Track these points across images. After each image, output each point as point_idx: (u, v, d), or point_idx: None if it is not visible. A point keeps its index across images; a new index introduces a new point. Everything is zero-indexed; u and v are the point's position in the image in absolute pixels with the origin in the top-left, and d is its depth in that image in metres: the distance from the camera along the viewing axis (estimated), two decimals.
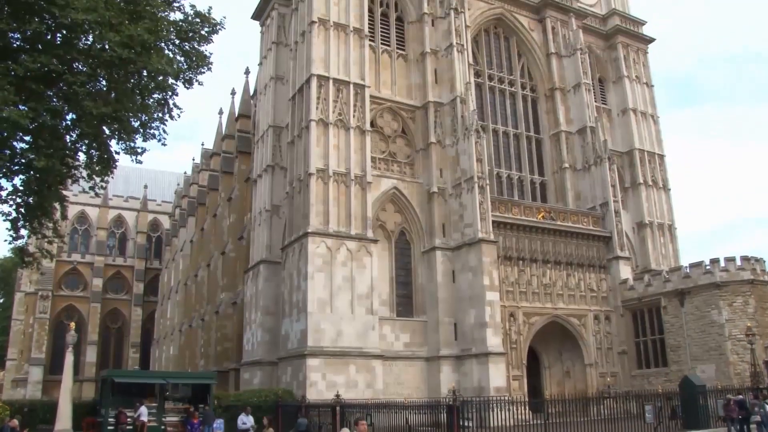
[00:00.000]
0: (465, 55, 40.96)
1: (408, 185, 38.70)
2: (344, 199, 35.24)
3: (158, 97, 17.20)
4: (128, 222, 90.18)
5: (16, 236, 16.61)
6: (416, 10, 42.17)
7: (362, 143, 36.56)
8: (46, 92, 14.81)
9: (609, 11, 53.07)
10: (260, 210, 41.56)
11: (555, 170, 45.94)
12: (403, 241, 38.47)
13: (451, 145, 39.08)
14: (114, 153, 17.17)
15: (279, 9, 44.50)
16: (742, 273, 36.52)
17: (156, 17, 15.91)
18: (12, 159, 15.05)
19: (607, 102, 51.55)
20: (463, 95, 39.37)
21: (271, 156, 41.69)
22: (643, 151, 49.44)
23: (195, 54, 17.45)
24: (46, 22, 14.45)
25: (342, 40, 37.98)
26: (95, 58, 14.83)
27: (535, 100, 47.64)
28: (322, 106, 36.02)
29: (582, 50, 47.30)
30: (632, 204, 48.25)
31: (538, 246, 40.04)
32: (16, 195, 15.78)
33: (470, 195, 37.05)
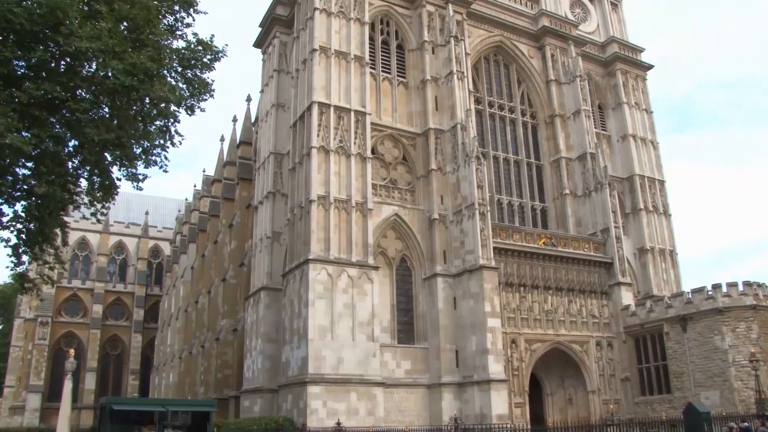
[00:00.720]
0: (465, 83, 41.25)
1: (409, 212, 38.74)
2: (345, 225, 35.26)
3: (160, 124, 17.30)
4: (129, 248, 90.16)
5: (18, 262, 16.61)
6: (416, 38, 42.56)
7: (363, 170, 36.67)
8: (49, 119, 14.91)
9: (608, 39, 53.54)
10: (261, 237, 41.55)
11: (555, 196, 46.01)
12: (404, 268, 38.41)
13: (452, 171, 39.19)
14: (115, 179, 17.23)
15: (280, 37, 44.93)
16: (745, 298, 36.40)
17: (159, 45, 16.05)
18: (14, 185, 15.11)
19: (607, 128, 51.80)
20: (464, 122, 39.57)
21: (272, 183, 41.80)
22: (643, 177, 49.58)
23: (197, 81, 17.59)
24: (50, 50, 14.60)
25: (343, 67, 38.28)
26: (98, 86, 14.95)
27: (535, 127, 47.87)
28: (323, 133, 36.19)
29: (581, 77, 47.65)
30: (633, 230, 48.28)
31: (539, 272, 39.96)
32: (17, 221, 15.80)
33: (471, 221, 37.07)
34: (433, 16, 42.79)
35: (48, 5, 13.61)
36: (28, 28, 13.76)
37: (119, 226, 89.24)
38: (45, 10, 13.73)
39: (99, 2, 14.63)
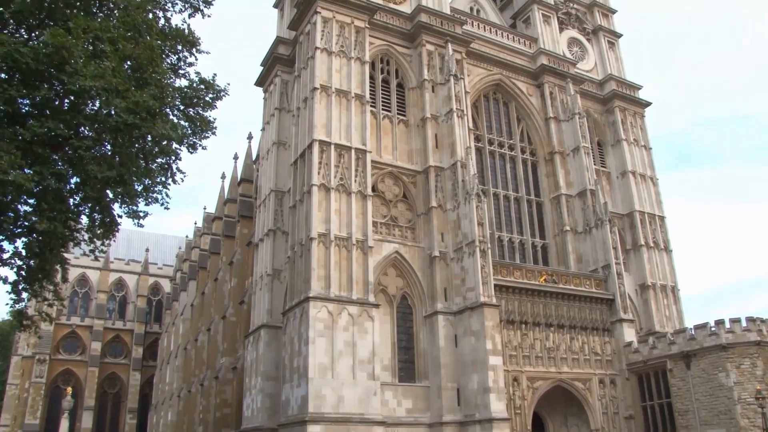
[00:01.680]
0: (465, 120, 41.55)
1: (409, 249, 38.70)
2: (346, 263, 35.18)
3: (162, 162, 17.40)
4: (129, 285, 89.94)
5: (17, 299, 16.57)
6: (416, 77, 43.01)
7: (364, 208, 36.74)
8: (51, 156, 15.02)
9: (605, 76, 54.10)
10: (261, 274, 41.45)
11: (556, 233, 46.01)
12: (405, 306, 38.22)
13: (452, 209, 39.26)
14: (116, 216, 17.27)
15: (282, 76, 45.42)
16: (748, 334, 36.14)
17: (162, 84, 16.22)
18: (15, 221, 15.15)
19: (606, 165, 52.05)
20: (464, 160, 39.76)
21: (272, 220, 41.86)
22: (643, 213, 49.66)
23: (199, 119, 17.74)
24: (54, 88, 14.78)
25: (344, 106, 38.61)
26: (101, 124, 15.08)
27: (535, 164, 48.10)
28: (323, 170, 36.35)
29: (580, 114, 48.04)
30: (634, 266, 48.19)
31: (540, 309, 39.77)
32: (17, 258, 15.81)
33: (472, 259, 37.00)
34: (433, 55, 43.30)
35: (53, 45, 13.81)
36: (33, 67, 13.95)
37: (119, 263, 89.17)
38: (50, 49, 13.93)
39: (103, 42, 14.83)
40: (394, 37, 43.43)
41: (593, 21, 56.61)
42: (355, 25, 40.68)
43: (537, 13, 52.05)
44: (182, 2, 18.14)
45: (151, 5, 17.28)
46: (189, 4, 18.23)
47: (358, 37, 40.68)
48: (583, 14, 56.47)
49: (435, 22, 43.81)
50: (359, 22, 40.91)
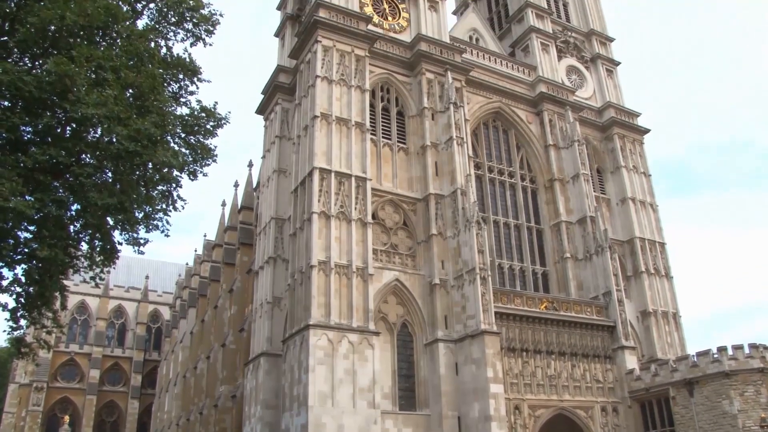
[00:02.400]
0: (465, 148, 41.74)
1: (410, 277, 38.63)
2: (346, 291, 35.10)
3: (163, 189, 17.45)
4: (128, 312, 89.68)
5: (15, 326, 16.52)
6: (416, 105, 43.28)
7: (364, 235, 36.75)
8: (52, 183, 15.08)
9: (604, 104, 54.42)
10: (261, 302, 41.34)
11: (556, 260, 45.94)
12: (406, 333, 38.04)
13: (453, 236, 39.25)
14: (117, 243, 17.28)
15: (282, 104, 45.74)
16: (752, 361, 35.91)
17: (163, 112, 16.32)
18: (15, 248, 15.15)
19: (606, 191, 52.15)
20: (464, 187, 39.86)
21: (273, 248, 41.86)
22: (643, 240, 49.62)
23: (200, 147, 17.83)
24: (57, 116, 14.89)
25: (344, 134, 38.81)
26: (102, 151, 15.16)
27: (534, 191, 48.20)
28: (324, 198, 36.43)
29: (579, 142, 48.24)
30: (635, 292, 48.02)
31: (541, 337, 39.58)
32: (17, 284, 15.79)
33: (472, 286, 36.91)
34: (433, 84, 43.62)
35: (56, 73, 13.94)
36: (36, 95, 14.07)
37: (119, 290, 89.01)
38: (54, 77, 14.07)
39: (106, 70, 14.97)
40: (394, 65, 43.81)
41: (591, 49, 57.11)
42: (355, 54, 41.06)
43: (535, 41, 52.55)
44: (184, 31, 18.34)
45: (154, 34, 17.48)
46: (191, 33, 18.43)
47: (358, 65, 41.03)
48: (581, 43, 56.98)
49: (434, 51, 44.21)
50: (359, 51, 41.29)
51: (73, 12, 14.50)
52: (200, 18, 18.23)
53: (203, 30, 18.55)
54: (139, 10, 17.73)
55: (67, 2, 14.66)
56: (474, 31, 52.11)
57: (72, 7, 14.57)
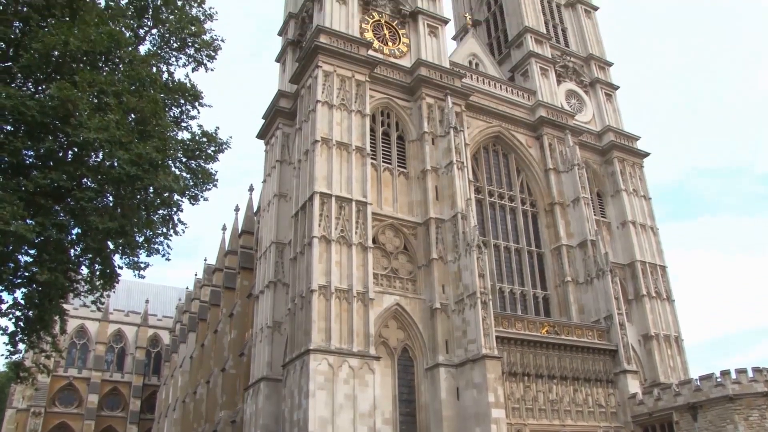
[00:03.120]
0: (465, 172, 41.83)
1: (410, 301, 38.52)
2: (346, 315, 34.98)
3: (163, 213, 17.49)
4: (128, 337, 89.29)
5: (14, 350, 16.46)
6: (417, 130, 43.46)
7: (364, 260, 36.70)
8: (53, 207, 15.12)
9: (603, 128, 54.64)
10: (262, 326, 41.19)
11: (557, 284, 45.84)
12: (406, 358, 37.83)
13: (453, 260, 39.20)
14: (117, 267, 17.28)
15: (283, 129, 45.96)
16: (756, 385, 35.64)
17: (164, 136, 16.41)
18: (15, 272, 15.15)
19: (607, 215, 52.17)
20: (464, 211, 39.89)
21: (273, 272, 41.80)
22: (644, 263, 49.54)
23: (201, 172, 17.90)
24: (59, 140, 14.97)
25: (344, 158, 38.93)
26: (104, 175, 15.22)
27: (535, 215, 48.23)
28: (324, 223, 36.45)
29: (579, 166, 48.37)
30: (637, 316, 47.83)
31: (543, 361, 39.37)
32: (16, 308, 15.76)
33: (473, 311, 36.78)
34: (433, 108, 43.85)
35: (59, 98, 14.05)
36: (38, 120, 14.17)
37: (119, 314, 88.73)
38: (56, 102, 14.17)
39: (108, 95, 15.08)
40: (394, 90, 44.07)
41: (590, 74, 57.48)
42: (355, 79, 41.33)
43: (535, 66, 52.92)
44: (186, 57, 18.51)
45: (156, 60, 17.64)
46: (192, 58, 18.61)
47: (358, 90, 41.28)
48: (580, 67, 57.37)
49: (434, 76, 44.51)
50: (360, 76, 41.57)
51: (77, 38, 14.64)
52: (202, 43, 18.41)
53: (205, 55, 18.73)
54: (141, 35, 17.92)
55: (70, 28, 14.81)
56: (474, 56, 52.52)
57: (76, 33, 14.72)
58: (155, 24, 17.81)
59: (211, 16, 18.97)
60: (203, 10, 18.75)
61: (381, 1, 46.46)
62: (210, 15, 18.94)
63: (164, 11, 17.74)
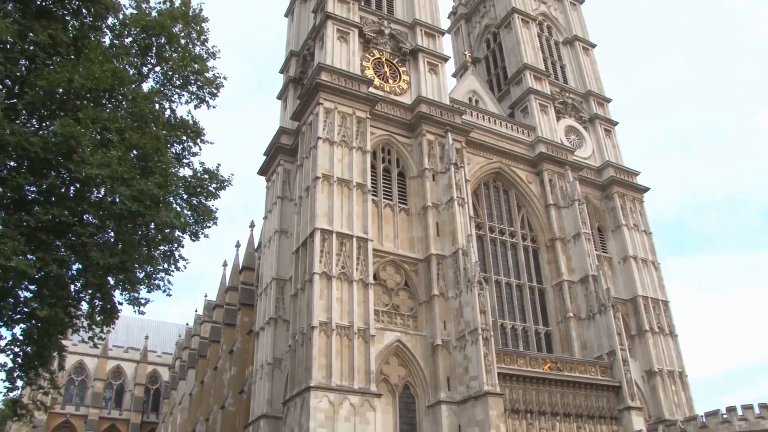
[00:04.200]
0: (466, 208, 41.89)
1: (411, 338, 38.27)
2: (347, 352, 34.71)
3: (164, 249, 17.55)
4: (127, 373, 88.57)
5: (12, 387, 16.34)
6: (417, 166, 43.65)
7: (365, 296, 36.56)
8: (54, 242, 15.16)
9: (603, 163, 54.85)
10: (262, 363, 40.88)
11: (559, 320, 45.56)
12: (408, 395, 37.45)
13: (454, 297, 39.04)
14: (117, 303, 17.26)
15: (284, 165, 46.19)
16: (762, 422, 35.20)
17: (166, 173, 16.53)
18: (15, 308, 15.13)
19: (608, 250, 52.07)
20: (465, 248, 39.84)
21: (274, 308, 41.63)
22: (646, 298, 49.28)
23: (202, 209, 17.98)
24: (61, 176, 15.07)
25: (345, 195, 39.02)
26: (105, 211, 15.30)
27: (536, 251, 48.15)
28: (325, 259, 36.40)
29: (579, 201, 48.42)
30: (640, 352, 47.41)
31: (545, 398, 38.94)
32: (15, 344, 15.69)
33: (475, 347, 36.51)
34: (433, 145, 44.09)
35: (63, 134, 14.20)
36: (42, 156, 14.29)
37: (118, 351, 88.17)
38: (59, 138, 14.32)
39: (111, 131, 15.23)
40: (394, 126, 44.38)
41: (589, 110, 57.91)
42: (356, 116, 41.65)
43: (534, 102, 53.35)
44: (188, 94, 18.74)
45: (159, 97, 17.86)
46: (195, 95, 18.83)
47: (359, 127, 41.57)
48: (579, 103, 57.83)
49: (435, 113, 44.87)
50: (361, 113, 41.90)
51: (81, 75, 14.84)
52: (204, 81, 18.65)
53: (207, 93, 18.96)
54: (145, 73, 18.16)
55: (75, 66, 15.02)
56: (473, 92, 52.99)
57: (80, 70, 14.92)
58: (158, 62, 18.07)
59: (213, 54, 19.25)
60: (206, 48, 19.05)
61: (381, 39, 47.09)
62: (213, 53, 19.23)
63: (168, 49, 18.01)
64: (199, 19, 18.83)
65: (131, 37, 17.93)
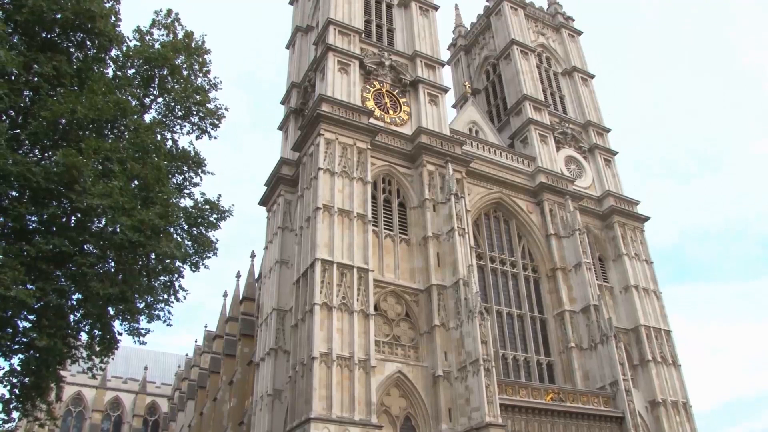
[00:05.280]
0: (466, 239, 41.86)
1: (412, 369, 38.01)
2: (348, 383, 34.45)
3: (165, 280, 17.54)
4: (125, 404, 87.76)
5: (7, 419, 16.20)
6: (418, 197, 43.75)
7: (366, 327, 36.39)
8: (54, 272, 15.16)
9: (603, 193, 54.94)
10: (262, 394, 40.55)
11: (561, 350, 45.28)
12: (409, 427, 37.05)
13: (455, 327, 38.84)
14: (117, 334, 17.20)
15: (285, 196, 46.30)
16: None
17: (167, 203, 16.58)
18: (13, 338, 15.08)
19: (609, 279, 51.91)
20: (466, 278, 39.74)
21: (274, 339, 41.42)
22: (648, 328, 48.96)
23: (202, 239, 18.01)
24: (63, 206, 15.13)
25: (346, 225, 39.04)
26: (106, 241, 15.33)
27: (537, 281, 48.04)
28: (326, 289, 36.29)
29: (580, 231, 48.42)
30: (643, 382, 46.98)
31: (548, 429, 38.54)
32: (12, 375, 15.59)
33: (476, 378, 36.25)
34: (434, 175, 44.23)
35: (65, 164, 14.28)
36: (43, 186, 14.36)
37: (117, 381, 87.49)
38: (61, 168, 14.40)
39: (113, 162, 15.33)
40: (395, 157, 44.56)
41: (589, 140, 58.19)
42: (357, 147, 41.84)
43: (534, 133, 53.63)
44: (190, 125, 18.89)
45: (161, 127, 18.00)
46: (197, 126, 18.98)
47: (360, 157, 41.74)
48: (579, 133, 58.13)
49: (435, 143, 45.09)
50: (361, 144, 42.10)
51: (84, 106, 14.98)
52: (206, 112, 18.81)
53: (209, 123, 19.11)
54: (147, 104, 18.33)
55: (78, 97, 15.16)
56: (474, 123, 53.32)
57: (83, 101, 15.06)
58: (161, 93, 18.25)
59: (215, 85, 19.44)
60: (208, 79, 19.25)
61: (382, 71, 47.52)
62: (214, 84, 19.42)
63: (170, 81, 18.20)
64: (201, 51, 19.05)
65: (134, 69, 18.14)
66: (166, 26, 18.79)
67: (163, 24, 18.79)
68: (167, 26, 18.79)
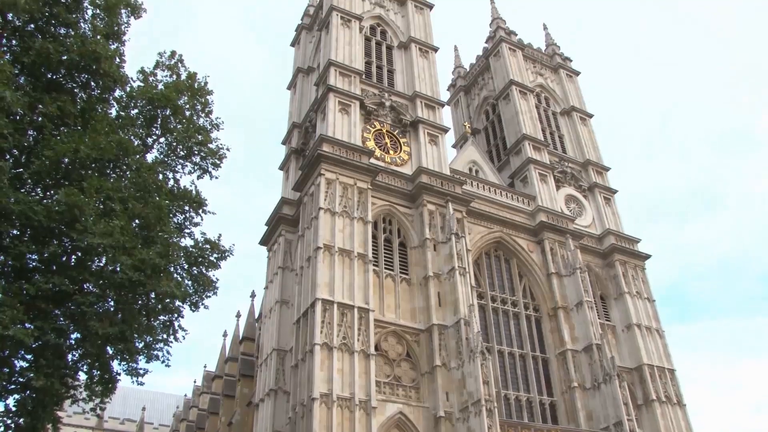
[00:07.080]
0: (467, 278, 41.72)
1: (414, 410, 37.56)
2: (348, 424, 33.99)
3: (164, 319, 17.48)
4: None
5: None
6: (418, 236, 43.74)
7: (367, 367, 36.07)
8: (53, 311, 15.11)
9: (604, 231, 54.91)
10: None
11: (564, 390, 44.76)
12: None
13: (457, 367, 38.49)
14: (116, 374, 17.06)
15: (286, 235, 46.31)
16: None
17: (168, 243, 16.61)
18: (10, 378, 14.94)
19: (611, 318, 51.56)
20: (467, 317, 39.51)
21: (274, 380, 41.03)
22: (652, 367, 48.42)
23: (203, 279, 17.99)
24: (63, 244, 15.14)
25: (347, 265, 38.97)
26: (106, 280, 15.30)
27: (539, 320, 47.74)
28: (326, 329, 36.07)
29: (581, 269, 48.26)
30: (648, 422, 46.24)
31: None
32: (7, 416, 15.41)
33: (478, 419, 35.78)
34: (434, 215, 44.29)
35: (67, 203, 14.34)
36: (45, 224, 14.39)
37: (114, 422, 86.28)
38: (63, 207, 14.45)
39: (114, 201, 15.40)
40: (395, 197, 44.67)
41: (588, 179, 58.41)
42: (357, 186, 42.00)
43: (534, 172, 53.86)
44: (192, 164, 19.02)
45: (162, 167, 18.13)
46: (198, 166, 19.10)
47: (360, 197, 41.86)
48: (578, 172, 58.38)
49: (435, 183, 45.25)
50: (362, 184, 42.27)
51: (87, 146, 15.11)
52: (208, 152, 18.97)
53: (210, 163, 19.25)
54: (149, 144, 18.50)
55: (82, 136, 15.29)
56: (474, 163, 53.59)
57: (86, 141, 15.18)
58: (163, 133, 18.43)
59: (217, 125, 19.62)
60: (210, 119, 19.44)
61: (382, 111, 47.94)
62: (216, 124, 19.61)
63: (172, 121, 18.39)
64: (204, 92, 19.28)
65: (137, 109, 18.35)
66: (169, 67, 19.06)
67: (166, 65, 19.06)
68: (171, 67, 19.06)
